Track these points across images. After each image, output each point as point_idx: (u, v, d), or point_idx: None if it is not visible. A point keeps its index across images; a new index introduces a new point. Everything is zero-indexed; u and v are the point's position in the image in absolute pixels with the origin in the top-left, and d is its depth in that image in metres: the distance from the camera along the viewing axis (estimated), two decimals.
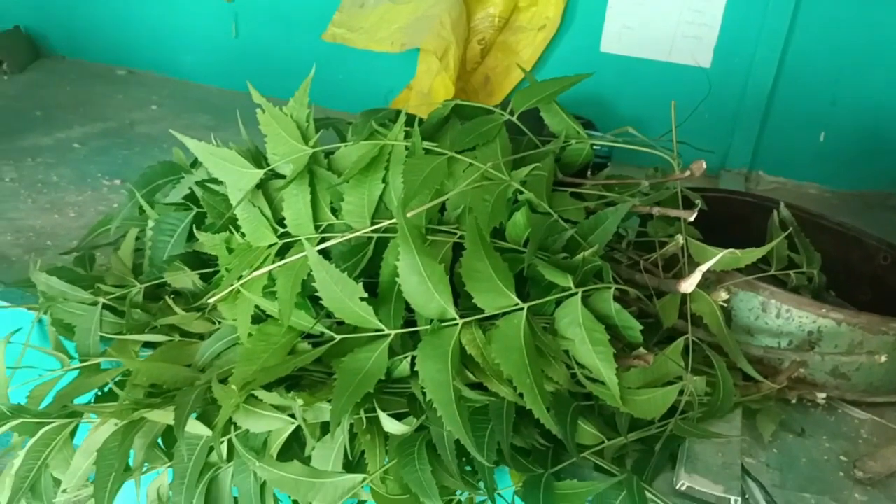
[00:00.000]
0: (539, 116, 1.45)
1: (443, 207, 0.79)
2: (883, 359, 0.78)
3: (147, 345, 0.79)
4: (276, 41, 1.91)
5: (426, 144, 0.80)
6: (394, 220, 0.75)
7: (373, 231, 0.75)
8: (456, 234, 0.77)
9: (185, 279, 0.82)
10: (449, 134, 0.83)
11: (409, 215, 0.71)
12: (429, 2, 1.64)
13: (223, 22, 1.94)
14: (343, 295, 0.68)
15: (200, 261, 0.86)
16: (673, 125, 0.96)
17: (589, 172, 0.97)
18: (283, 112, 0.80)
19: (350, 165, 0.78)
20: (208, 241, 0.80)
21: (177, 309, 0.77)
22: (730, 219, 0.99)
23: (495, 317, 0.70)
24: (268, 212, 0.78)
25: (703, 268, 0.78)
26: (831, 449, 0.79)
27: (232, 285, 0.74)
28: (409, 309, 0.73)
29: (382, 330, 0.70)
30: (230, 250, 0.80)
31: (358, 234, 0.74)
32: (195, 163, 1.02)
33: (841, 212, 1.39)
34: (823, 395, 0.83)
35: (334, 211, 0.78)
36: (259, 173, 0.78)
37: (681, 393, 0.75)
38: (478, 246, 0.72)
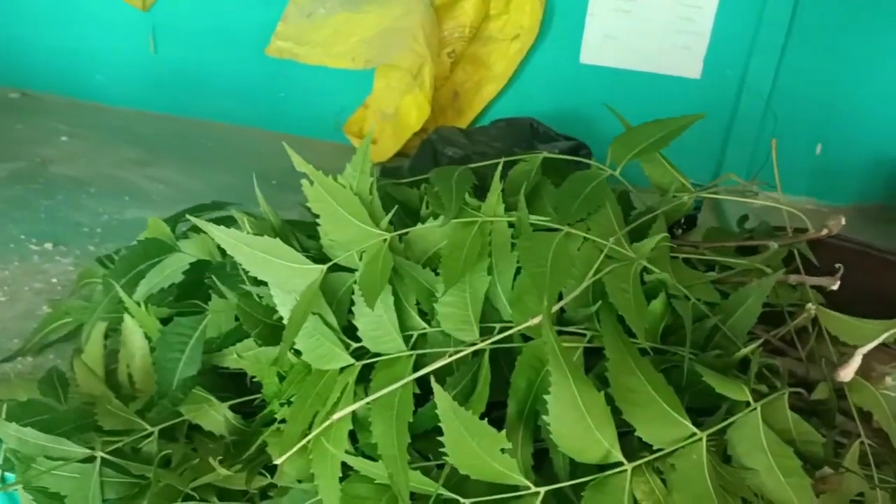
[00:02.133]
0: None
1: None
2: None
3: None
4: (203, 56, 1.66)
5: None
6: (520, 327, 0.56)
7: (488, 343, 0.56)
8: (584, 335, 0.59)
9: (214, 414, 0.60)
10: (545, 199, 0.65)
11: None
12: (396, 12, 1.44)
13: (138, 35, 1.67)
14: (479, 448, 0.50)
15: (223, 380, 0.64)
16: (775, 168, 0.82)
17: (677, 228, 0.81)
18: (340, 183, 0.60)
19: (439, 251, 0.59)
20: (252, 365, 0.59)
21: (220, 468, 0.55)
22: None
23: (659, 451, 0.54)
24: (332, 320, 0.58)
25: (864, 350, 0.64)
26: None
27: (303, 435, 0.53)
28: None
29: (527, 486, 0.51)
30: (282, 375, 0.59)
31: (474, 348, 0.55)
32: (177, 222, 0.80)
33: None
34: None
35: (422, 314, 0.59)
36: (318, 270, 0.58)
37: None
38: (625, 356, 0.55)
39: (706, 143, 1.55)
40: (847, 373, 0.65)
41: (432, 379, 0.49)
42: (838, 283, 0.69)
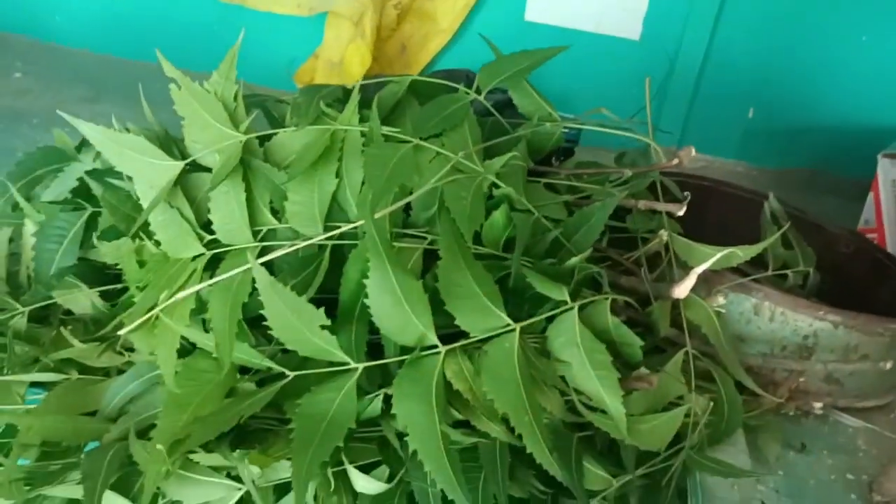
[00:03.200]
0: None
1: (407, 207, 0.65)
2: (889, 366, 0.72)
3: (36, 385, 0.62)
4: (160, 1, 1.69)
5: (384, 130, 0.66)
6: (353, 224, 0.61)
7: (327, 238, 0.61)
8: (426, 238, 0.64)
9: (82, 299, 0.65)
10: (408, 116, 0.70)
11: (376, 217, 0.58)
12: None
13: None
14: (299, 323, 0.54)
15: (99, 274, 0.69)
16: (647, 107, 0.86)
17: (554, 159, 0.86)
18: (205, 89, 0.64)
19: (294, 156, 0.64)
20: (111, 252, 0.64)
21: (72, 340, 0.60)
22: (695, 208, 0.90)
23: (479, 340, 0.59)
24: (189, 214, 0.63)
25: (699, 270, 0.69)
26: (835, 466, 0.73)
27: (149, 311, 0.58)
28: (371, 331, 0.61)
29: (347, 363, 0.56)
30: (141, 263, 0.64)
31: (310, 242, 0.60)
32: (82, 145, 0.84)
33: (769, 191, 1.35)
34: (820, 404, 0.76)
35: (275, 212, 0.64)
36: (177, 166, 0.62)
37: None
38: (456, 255, 0.59)
39: (643, 102, 1.59)
40: (681, 290, 0.70)
41: (250, 254, 0.53)
42: (684, 209, 0.74)
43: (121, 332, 0.58)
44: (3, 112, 1.35)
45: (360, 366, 0.57)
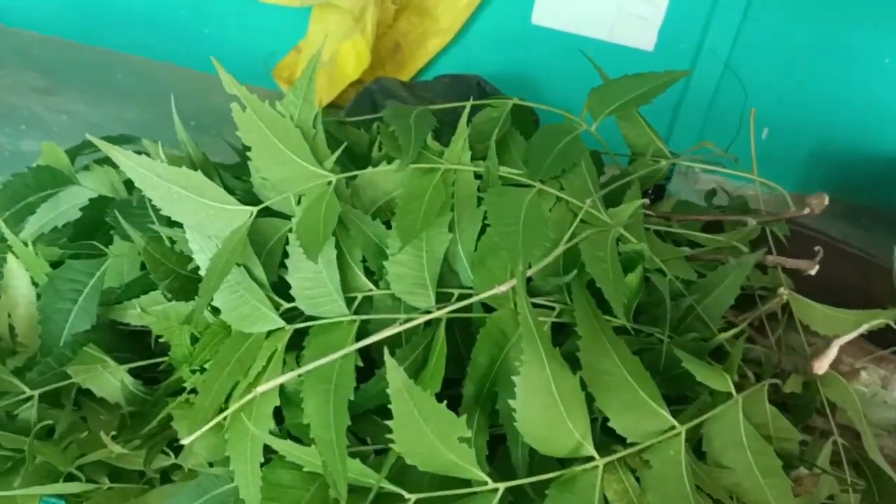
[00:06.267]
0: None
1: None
2: None
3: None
4: None
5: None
6: (482, 295, 0.48)
7: (446, 312, 0.48)
8: (553, 309, 0.52)
9: (110, 379, 0.50)
10: (514, 150, 0.57)
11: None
12: None
13: None
14: (433, 435, 0.41)
15: (123, 338, 0.54)
16: (752, 144, 0.76)
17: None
18: (279, 111, 0.50)
19: (401, 206, 0.50)
20: (159, 322, 0.49)
21: (112, 444, 0.45)
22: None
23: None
24: (261, 274, 0.48)
25: (841, 340, 0.59)
26: None
27: (219, 411, 0.44)
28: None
29: (484, 482, 0.44)
30: (195, 336, 0.49)
31: (430, 316, 0.47)
32: (75, 154, 0.68)
33: None
34: None
35: (369, 273, 0.50)
36: (247, 212, 0.48)
37: None
38: (599, 335, 0.48)
39: (654, 120, 1.50)
40: (822, 364, 0.60)
41: (385, 351, 0.40)
42: (817, 266, 0.64)
43: (184, 441, 0.43)
44: None
45: (501, 486, 0.44)
